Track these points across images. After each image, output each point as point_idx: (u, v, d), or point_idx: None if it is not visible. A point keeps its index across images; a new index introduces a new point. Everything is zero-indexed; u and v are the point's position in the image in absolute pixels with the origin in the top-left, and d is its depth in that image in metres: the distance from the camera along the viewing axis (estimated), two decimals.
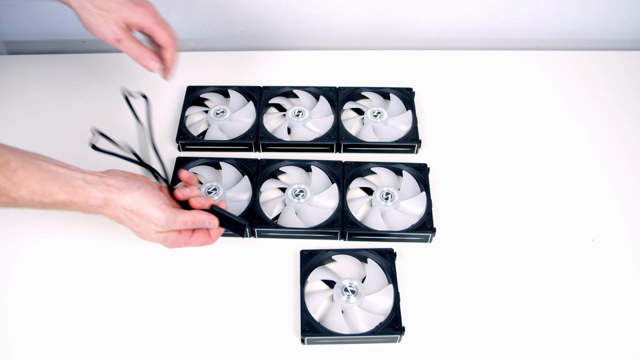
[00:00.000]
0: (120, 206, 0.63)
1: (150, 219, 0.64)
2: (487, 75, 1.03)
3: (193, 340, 0.71)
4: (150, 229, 0.64)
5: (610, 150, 0.90)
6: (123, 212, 0.63)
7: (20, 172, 0.59)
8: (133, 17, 0.69)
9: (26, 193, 0.59)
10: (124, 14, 0.69)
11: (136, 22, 0.70)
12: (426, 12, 1.05)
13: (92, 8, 0.69)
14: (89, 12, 0.69)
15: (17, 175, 0.58)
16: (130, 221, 0.64)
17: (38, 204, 0.60)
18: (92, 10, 0.69)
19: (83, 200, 0.62)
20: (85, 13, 0.69)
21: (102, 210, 0.63)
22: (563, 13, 1.05)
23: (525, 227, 0.82)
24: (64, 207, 0.62)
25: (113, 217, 0.64)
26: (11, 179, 0.58)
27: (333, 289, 0.73)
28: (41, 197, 0.60)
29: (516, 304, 0.74)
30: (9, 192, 0.58)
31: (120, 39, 0.69)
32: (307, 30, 1.09)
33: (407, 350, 0.70)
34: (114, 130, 0.93)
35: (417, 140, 0.89)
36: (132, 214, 0.63)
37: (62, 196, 0.61)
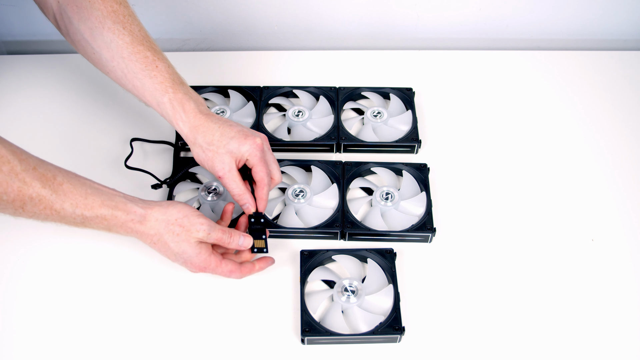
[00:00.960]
0: (162, 219, 0.67)
1: (192, 225, 0.67)
2: (487, 75, 1.03)
3: (193, 340, 0.71)
4: (191, 236, 0.67)
5: (610, 150, 0.90)
6: (164, 224, 0.66)
7: (66, 185, 0.63)
8: (239, 151, 0.71)
9: (69, 205, 0.62)
10: (231, 148, 0.70)
11: (243, 155, 0.71)
12: (426, 12, 1.05)
13: (202, 143, 0.71)
14: (199, 147, 0.71)
15: (63, 189, 0.62)
16: (170, 233, 0.66)
17: (79, 217, 0.63)
18: (203, 145, 0.71)
19: (123, 214, 0.65)
20: (196, 147, 0.72)
21: (141, 226, 0.66)
22: (563, 13, 1.05)
23: (525, 227, 0.82)
24: (104, 221, 0.64)
25: (150, 233, 0.66)
26: (57, 191, 0.62)
27: (333, 289, 0.73)
28: (83, 209, 0.63)
29: (516, 304, 0.74)
30: (53, 204, 0.61)
31: (222, 176, 0.72)
32: (307, 30, 1.09)
33: (407, 350, 0.70)
34: (114, 130, 0.93)
35: (417, 140, 0.89)
36: (174, 225, 0.67)
37: (103, 210, 0.64)
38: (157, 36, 1.09)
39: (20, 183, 0.59)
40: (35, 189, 0.60)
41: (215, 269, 0.70)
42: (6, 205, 0.60)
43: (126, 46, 0.70)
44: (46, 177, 0.61)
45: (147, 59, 0.71)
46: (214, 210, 0.82)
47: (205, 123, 0.71)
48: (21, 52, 1.11)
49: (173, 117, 0.72)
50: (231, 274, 0.71)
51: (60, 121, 0.95)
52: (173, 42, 1.11)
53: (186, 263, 0.69)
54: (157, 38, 1.09)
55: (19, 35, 1.10)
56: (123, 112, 0.95)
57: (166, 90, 0.71)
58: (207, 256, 0.69)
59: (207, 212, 0.81)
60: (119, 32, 0.70)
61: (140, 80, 0.71)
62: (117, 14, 0.71)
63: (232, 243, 0.70)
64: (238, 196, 0.73)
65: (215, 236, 0.69)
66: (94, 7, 0.70)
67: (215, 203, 0.82)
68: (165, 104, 0.71)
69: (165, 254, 0.69)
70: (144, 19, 1.04)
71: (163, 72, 0.71)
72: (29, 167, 0.60)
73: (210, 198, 0.82)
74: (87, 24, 0.70)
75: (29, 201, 0.60)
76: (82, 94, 0.98)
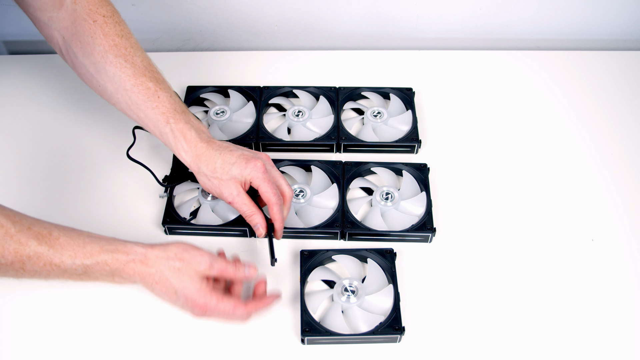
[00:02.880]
0: (163, 256, 0.66)
1: (193, 257, 0.66)
2: (487, 75, 1.03)
3: (194, 340, 0.71)
4: (192, 269, 0.66)
5: (610, 150, 0.90)
6: (164, 260, 0.65)
7: (63, 239, 0.62)
8: (243, 174, 0.71)
9: (68, 257, 0.62)
10: (234, 174, 0.71)
11: (245, 180, 0.71)
12: (426, 12, 1.05)
13: (207, 172, 0.72)
14: (204, 176, 0.72)
15: (60, 242, 0.62)
16: (171, 269, 0.65)
17: (80, 267, 0.63)
18: (208, 174, 0.72)
19: (124, 255, 0.64)
20: (201, 176, 0.73)
21: (142, 265, 0.65)
22: (563, 13, 1.05)
23: (525, 227, 0.82)
24: (105, 266, 0.64)
25: (151, 272, 0.65)
26: (54, 246, 0.61)
27: (333, 289, 0.73)
28: (83, 258, 0.62)
29: (516, 304, 0.74)
30: (52, 259, 0.61)
31: (232, 201, 0.72)
32: (307, 30, 1.09)
33: (407, 350, 0.70)
34: (114, 130, 0.93)
35: (417, 140, 0.89)
36: (174, 259, 0.66)
37: (103, 255, 0.64)
38: (157, 36, 1.09)
39: (16, 244, 0.59)
40: (32, 247, 0.60)
41: (217, 305, 0.66)
42: (6, 268, 0.60)
43: (128, 79, 0.71)
44: (42, 234, 0.61)
45: (149, 90, 0.72)
46: (214, 210, 0.82)
47: (206, 152, 0.72)
48: (21, 52, 1.11)
49: (175, 147, 0.72)
50: (235, 310, 0.66)
51: (60, 121, 0.95)
52: (173, 42, 1.11)
53: (187, 302, 0.66)
54: (157, 38, 1.09)
55: (19, 35, 1.10)
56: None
57: (167, 121, 0.71)
58: (209, 292, 0.66)
59: (207, 212, 0.81)
60: (121, 66, 0.71)
61: (144, 112, 0.72)
62: (119, 47, 0.71)
63: (238, 273, 0.68)
64: (249, 217, 0.73)
65: (219, 266, 0.67)
66: (96, 43, 0.71)
67: (215, 203, 0.82)
68: (168, 134, 0.72)
69: (166, 294, 0.66)
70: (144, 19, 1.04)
71: (165, 102, 0.72)
72: (23, 228, 0.60)
73: (210, 198, 0.82)
74: (90, 58, 0.72)
75: (28, 260, 0.60)
76: (83, 94, 0.98)
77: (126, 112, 0.74)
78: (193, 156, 0.72)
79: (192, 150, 0.72)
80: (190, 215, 0.81)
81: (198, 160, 0.72)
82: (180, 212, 0.81)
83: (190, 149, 0.72)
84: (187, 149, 0.72)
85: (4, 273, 0.61)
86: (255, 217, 0.73)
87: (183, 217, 0.81)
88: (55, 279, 0.64)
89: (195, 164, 0.72)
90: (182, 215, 0.81)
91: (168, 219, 0.80)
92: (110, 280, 0.66)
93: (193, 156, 0.72)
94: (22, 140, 0.92)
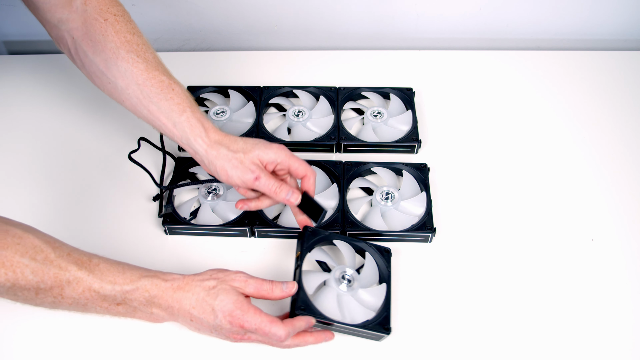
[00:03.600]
0: (198, 278, 0.65)
1: (227, 275, 0.66)
2: (487, 75, 1.03)
3: (194, 340, 0.71)
4: (227, 285, 0.65)
5: (610, 150, 0.90)
6: (199, 283, 0.65)
7: (103, 265, 0.63)
8: (268, 153, 0.70)
9: (108, 282, 0.62)
10: (259, 152, 0.70)
11: (272, 158, 0.70)
12: (426, 12, 1.05)
13: (227, 153, 0.70)
14: (224, 158, 0.70)
15: (100, 268, 0.62)
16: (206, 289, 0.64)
17: (119, 293, 0.63)
18: (229, 154, 0.70)
19: (163, 282, 0.64)
20: (221, 160, 0.70)
21: (180, 291, 0.64)
22: (563, 13, 1.05)
23: (525, 227, 0.82)
24: (145, 292, 0.64)
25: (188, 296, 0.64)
26: (93, 271, 0.62)
27: (330, 273, 0.73)
28: (122, 284, 0.63)
29: (516, 304, 0.74)
30: (92, 285, 0.62)
31: (258, 176, 0.69)
32: (307, 30, 1.09)
33: (408, 350, 0.70)
34: (114, 130, 0.93)
35: (417, 140, 0.89)
36: (209, 279, 0.65)
37: (143, 281, 0.64)
38: (157, 36, 1.09)
39: (56, 269, 0.59)
40: (72, 272, 0.60)
41: (255, 318, 0.63)
42: (45, 294, 0.60)
43: (141, 73, 0.70)
44: (82, 260, 0.61)
45: (162, 82, 0.71)
46: (214, 210, 0.82)
47: (226, 138, 0.71)
48: (21, 52, 1.11)
49: (191, 134, 0.70)
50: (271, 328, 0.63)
51: (60, 121, 0.95)
52: (173, 42, 1.11)
53: (225, 317, 0.63)
54: (157, 38, 1.09)
55: (19, 35, 1.10)
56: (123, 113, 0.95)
57: (184, 110, 0.71)
58: (246, 304, 0.64)
59: (207, 212, 0.81)
60: (133, 61, 0.70)
61: (156, 104, 0.71)
62: (131, 43, 0.71)
63: (275, 290, 0.66)
64: (277, 189, 0.70)
65: (255, 284, 0.66)
66: (107, 40, 0.70)
67: (215, 203, 0.82)
68: (183, 122, 0.70)
69: (204, 315, 0.64)
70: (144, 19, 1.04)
71: (180, 94, 0.71)
72: (63, 254, 0.60)
73: (210, 198, 0.82)
74: (101, 55, 0.71)
75: (67, 285, 0.60)
76: (83, 94, 0.98)
77: (136, 108, 0.73)
78: (211, 142, 0.70)
79: (211, 137, 0.70)
80: (190, 215, 0.81)
81: (218, 145, 0.70)
82: (180, 212, 0.81)
83: (208, 136, 0.70)
84: (204, 136, 0.70)
85: (42, 300, 0.61)
86: (284, 187, 0.70)
87: (183, 217, 0.81)
88: (92, 312, 0.64)
89: (213, 149, 0.70)
90: (182, 215, 0.81)
91: (168, 219, 0.80)
92: (148, 312, 0.65)
93: (211, 142, 0.70)
94: (21, 140, 0.92)
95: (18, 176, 0.87)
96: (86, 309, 0.63)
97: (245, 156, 0.70)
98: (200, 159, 0.72)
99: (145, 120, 0.74)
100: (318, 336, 0.68)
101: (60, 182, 0.87)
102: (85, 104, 0.97)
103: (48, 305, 0.61)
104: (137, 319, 0.66)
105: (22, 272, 0.57)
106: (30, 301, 0.61)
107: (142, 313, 0.65)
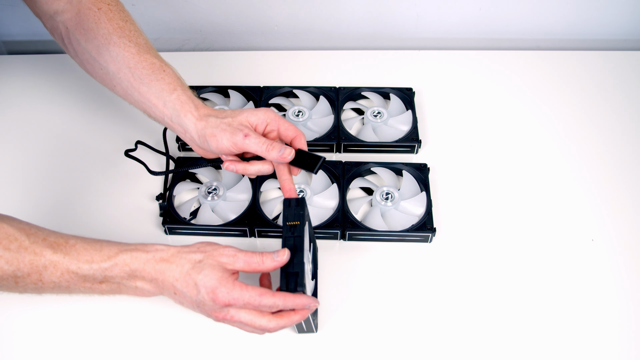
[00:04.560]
0: (184, 251, 0.63)
1: (215, 249, 0.63)
2: (487, 75, 1.03)
3: (194, 341, 0.71)
4: (214, 259, 0.62)
5: (610, 150, 0.90)
6: (185, 254, 0.62)
7: (79, 245, 0.61)
8: (257, 114, 0.70)
9: (85, 262, 0.60)
10: (247, 114, 0.70)
11: (261, 118, 0.70)
12: (426, 12, 1.05)
13: (216, 120, 0.69)
14: (213, 125, 0.69)
15: (76, 249, 0.61)
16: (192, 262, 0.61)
17: (98, 271, 0.61)
18: (217, 121, 0.69)
19: (143, 253, 0.62)
20: (209, 127, 0.69)
21: (163, 263, 0.62)
22: (563, 13, 1.05)
23: (525, 227, 0.82)
24: (125, 267, 0.61)
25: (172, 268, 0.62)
26: (69, 253, 0.60)
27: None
28: (100, 262, 0.61)
29: (516, 304, 0.74)
30: (69, 266, 0.60)
31: (248, 134, 0.68)
32: (307, 30, 1.09)
33: (408, 350, 0.70)
34: (114, 130, 0.93)
35: (417, 140, 0.89)
36: (196, 252, 0.63)
37: (122, 255, 0.62)
38: (157, 36, 1.09)
39: (31, 255, 0.58)
40: (47, 256, 0.59)
41: (242, 294, 0.60)
42: (24, 281, 0.59)
43: (132, 56, 0.71)
44: (57, 243, 0.60)
45: (154, 65, 0.71)
46: (214, 210, 0.82)
47: (215, 110, 0.71)
48: (21, 52, 1.11)
49: (181, 110, 0.70)
50: (262, 299, 0.60)
51: (60, 121, 0.95)
52: (173, 42, 1.11)
53: (208, 293, 0.60)
54: (157, 38, 1.09)
55: (19, 35, 1.10)
56: (123, 113, 0.95)
57: (174, 89, 0.70)
58: (232, 281, 0.61)
59: (207, 212, 0.81)
60: (125, 45, 0.71)
61: (147, 85, 0.71)
62: (123, 29, 0.72)
63: (266, 261, 0.62)
64: (269, 147, 0.68)
65: (244, 257, 0.62)
66: (100, 27, 0.71)
67: (215, 203, 0.82)
68: (174, 100, 0.70)
69: (187, 290, 0.61)
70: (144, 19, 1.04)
71: (171, 75, 0.72)
72: (38, 239, 0.60)
73: (210, 198, 0.82)
74: (93, 42, 0.72)
75: (44, 270, 0.59)
76: (82, 94, 0.98)
77: (127, 91, 0.73)
78: (200, 116, 0.70)
79: (201, 111, 0.70)
80: (190, 215, 0.81)
81: (206, 118, 0.70)
82: (180, 212, 0.81)
83: (198, 112, 0.70)
84: (194, 112, 0.70)
85: (24, 288, 0.60)
86: (276, 144, 0.68)
87: (183, 217, 0.81)
88: (79, 292, 0.62)
89: (202, 122, 0.69)
90: (182, 215, 0.81)
91: (168, 219, 0.80)
92: (133, 287, 0.63)
93: (200, 116, 0.70)
94: (21, 140, 0.92)
95: (17, 176, 0.87)
96: (70, 290, 0.62)
97: (234, 119, 0.69)
98: (190, 136, 0.71)
99: (136, 105, 0.73)
100: (304, 312, 0.63)
101: (60, 182, 0.87)
102: (85, 104, 0.97)
103: (31, 291, 0.61)
104: (125, 294, 0.64)
105: None
106: (12, 289, 0.60)
107: (127, 288, 0.63)
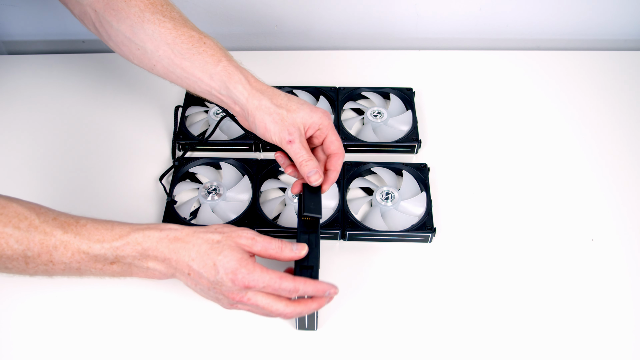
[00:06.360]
0: (201, 230, 0.61)
1: (233, 231, 0.61)
2: (487, 75, 1.03)
3: (195, 340, 0.71)
4: (233, 241, 0.60)
5: (609, 150, 0.90)
6: (202, 234, 0.60)
7: (90, 225, 0.60)
8: (313, 117, 0.66)
9: (96, 241, 0.59)
10: (303, 114, 0.66)
11: (316, 121, 0.67)
12: (426, 12, 1.05)
13: (270, 105, 0.66)
14: (265, 110, 0.66)
15: (87, 228, 0.59)
16: (209, 242, 0.60)
17: (109, 251, 0.59)
18: (271, 108, 0.66)
19: (156, 232, 0.60)
20: (261, 111, 0.66)
21: (177, 242, 0.60)
22: (563, 13, 1.05)
23: (525, 227, 0.82)
24: (137, 245, 0.59)
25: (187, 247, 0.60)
26: (80, 233, 0.59)
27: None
28: (112, 240, 0.59)
29: (517, 304, 0.74)
30: (80, 246, 0.58)
31: (292, 140, 0.65)
32: (307, 30, 1.09)
33: (407, 350, 0.70)
34: (114, 130, 0.93)
35: (417, 140, 0.89)
36: (214, 233, 0.61)
37: (134, 234, 0.60)
38: None
39: (42, 235, 0.57)
40: (58, 236, 0.58)
41: (262, 276, 0.58)
42: (35, 262, 0.58)
43: (169, 32, 0.68)
44: (68, 223, 0.59)
45: (192, 37, 0.69)
46: (214, 210, 0.82)
47: (269, 88, 0.68)
48: (21, 52, 1.11)
49: (230, 82, 0.67)
50: (282, 283, 0.58)
51: (60, 121, 0.95)
52: None
53: (227, 274, 0.58)
54: None
55: (19, 35, 1.10)
56: (123, 113, 0.96)
57: (219, 60, 0.67)
58: (251, 262, 0.59)
59: (207, 212, 0.81)
60: (159, 21, 0.68)
61: (189, 60, 0.68)
62: (155, 4, 0.69)
63: (285, 250, 0.61)
64: (305, 162, 0.66)
65: (263, 242, 0.61)
66: (130, 5, 0.69)
67: (215, 203, 0.82)
68: (220, 72, 0.67)
69: (204, 270, 0.59)
70: None
71: (212, 46, 0.69)
72: (48, 219, 0.58)
73: (210, 198, 0.82)
74: (126, 22, 0.69)
75: (54, 251, 0.57)
76: (82, 94, 0.99)
77: (168, 69, 0.70)
78: (253, 90, 0.67)
79: (252, 84, 0.67)
80: (191, 215, 0.81)
81: (260, 94, 0.67)
82: (181, 212, 0.81)
83: (249, 83, 0.67)
84: (245, 83, 0.67)
85: (35, 268, 0.58)
86: (312, 163, 0.66)
87: (183, 217, 0.81)
88: (89, 274, 0.61)
89: (255, 98, 0.67)
90: (182, 216, 0.81)
91: (168, 219, 0.80)
92: (144, 268, 0.61)
93: (253, 90, 0.67)
94: (21, 141, 0.92)
95: (17, 176, 0.87)
96: (81, 272, 0.60)
97: (289, 114, 0.66)
98: (239, 109, 0.68)
99: (178, 83, 0.71)
100: (321, 300, 0.62)
101: (60, 183, 0.87)
102: (86, 104, 0.97)
103: (42, 273, 0.59)
104: (136, 276, 0.62)
105: (7, 242, 0.56)
106: (22, 271, 0.59)
107: (138, 269, 0.61)
